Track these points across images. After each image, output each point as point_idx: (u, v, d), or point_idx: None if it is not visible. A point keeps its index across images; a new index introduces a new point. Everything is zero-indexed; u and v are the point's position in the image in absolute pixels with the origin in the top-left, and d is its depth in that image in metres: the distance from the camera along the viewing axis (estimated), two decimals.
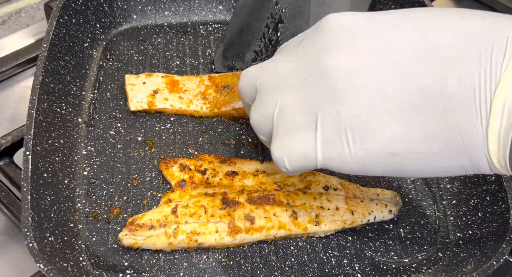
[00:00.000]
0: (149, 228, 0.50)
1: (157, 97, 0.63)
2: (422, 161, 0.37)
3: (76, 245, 0.51)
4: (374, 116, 0.36)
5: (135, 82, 0.64)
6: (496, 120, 0.33)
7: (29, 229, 0.45)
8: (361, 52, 0.38)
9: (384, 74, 0.36)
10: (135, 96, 0.63)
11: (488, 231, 0.53)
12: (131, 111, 0.63)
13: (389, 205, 0.55)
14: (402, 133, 0.36)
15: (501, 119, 0.33)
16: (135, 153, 0.60)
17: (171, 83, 0.64)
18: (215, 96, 0.63)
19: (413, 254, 0.54)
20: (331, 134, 0.38)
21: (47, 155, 0.54)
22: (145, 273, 0.50)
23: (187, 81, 0.65)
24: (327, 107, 0.38)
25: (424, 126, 0.35)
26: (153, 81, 0.64)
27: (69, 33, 0.64)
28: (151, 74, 0.65)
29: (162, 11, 0.76)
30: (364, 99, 0.37)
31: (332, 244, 0.54)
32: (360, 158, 0.38)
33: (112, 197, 0.56)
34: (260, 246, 0.53)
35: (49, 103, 0.57)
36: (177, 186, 0.55)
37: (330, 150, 0.39)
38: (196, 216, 0.51)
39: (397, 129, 0.36)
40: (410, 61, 0.36)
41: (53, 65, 0.59)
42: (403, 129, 0.36)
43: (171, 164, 0.56)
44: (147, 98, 0.63)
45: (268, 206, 0.52)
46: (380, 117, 0.36)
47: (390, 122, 0.36)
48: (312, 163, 0.40)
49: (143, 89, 0.63)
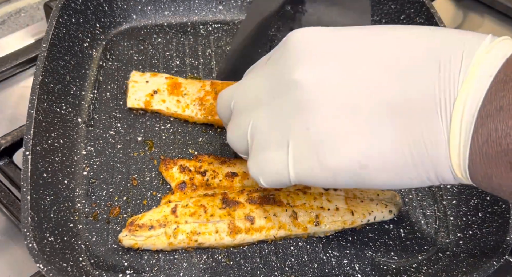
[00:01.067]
0: (149, 228, 0.50)
1: (155, 98, 0.63)
2: (391, 173, 0.37)
3: (76, 245, 0.51)
4: (342, 131, 0.37)
5: (139, 79, 0.64)
6: (455, 134, 0.34)
7: (29, 229, 0.45)
8: (327, 66, 0.38)
9: (351, 87, 0.37)
10: (134, 94, 0.63)
11: (488, 231, 0.52)
12: (128, 107, 0.63)
13: (389, 205, 0.55)
14: (370, 146, 0.36)
15: (459, 134, 0.33)
16: (135, 153, 0.60)
17: (173, 85, 0.64)
18: (212, 103, 0.62)
19: (413, 254, 0.54)
20: (301, 150, 0.39)
21: (47, 155, 0.54)
22: (145, 273, 0.50)
23: (190, 85, 0.64)
24: (296, 123, 0.39)
25: (391, 138, 0.36)
26: (156, 81, 0.64)
27: (69, 33, 0.64)
28: (156, 74, 0.65)
29: (162, 11, 0.76)
30: (331, 114, 0.37)
31: (332, 244, 0.54)
32: (330, 172, 0.38)
33: (112, 197, 0.56)
34: (260, 246, 0.53)
35: (49, 103, 0.57)
36: (177, 188, 0.55)
37: (302, 167, 0.39)
38: (196, 216, 0.51)
39: (365, 143, 0.37)
40: (374, 75, 0.36)
41: (53, 65, 0.59)
42: (371, 142, 0.36)
43: (171, 165, 0.56)
44: (145, 97, 0.63)
45: (268, 206, 0.52)
46: (348, 131, 0.37)
47: (358, 135, 0.37)
48: (286, 179, 0.41)
49: (144, 87, 0.63)
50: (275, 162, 0.41)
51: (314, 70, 0.38)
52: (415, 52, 0.36)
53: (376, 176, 0.38)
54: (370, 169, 0.37)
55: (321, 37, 0.40)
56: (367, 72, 0.37)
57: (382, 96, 0.36)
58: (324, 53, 0.39)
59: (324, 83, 0.38)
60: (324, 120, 0.37)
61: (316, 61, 0.38)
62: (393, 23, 0.75)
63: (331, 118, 0.37)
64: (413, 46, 0.36)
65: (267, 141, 0.42)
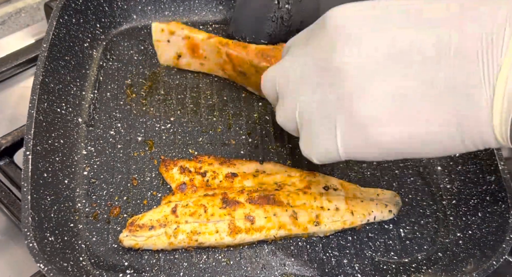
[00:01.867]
0: (149, 228, 0.50)
1: (181, 61, 0.69)
2: (438, 146, 0.39)
3: (76, 245, 0.51)
4: (388, 114, 0.38)
5: (160, 38, 0.67)
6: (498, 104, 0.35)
7: (29, 229, 0.45)
8: (369, 49, 0.38)
9: (394, 70, 0.37)
10: (162, 54, 0.69)
11: (488, 231, 0.53)
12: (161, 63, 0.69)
13: (389, 205, 0.55)
14: (417, 126, 0.38)
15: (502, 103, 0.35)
16: (135, 153, 0.60)
17: (191, 48, 0.67)
18: (232, 75, 0.67)
19: (413, 254, 0.54)
20: (349, 131, 0.40)
21: (47, 155, 0.54)
22: (145, 273, 0.50)
23: (207, 46, 0.66)
24: (342, 107, 0.39)
25: (437, 115, 0.37)
26: (175, 42, 0.67)
27: (69, 33, 0.64)
28: (173, 32, 0.66)
29: (162, 11, 0.76)
30: (376, 98, 0.38)
31: (332, 244, 0.54)
32: (379, 150, 0.40)
33: (112, 197, 0.56)
34: (260, 246, 0.53)
35: (49, 103, 0.57)
36: (177, 189, 0.55)
37: (350, 146, 0.41)
38: (196, 215, 0.51)
39: (412, 124, 0.38)
40: (418, 56, 0.37)
41: (53, 65, 0.59)
42: (418, 122, 0.38)
43: (171, 166, 0.56)
44: (172, 60, 0.69)
45: (268, 206, 0.52)
46: (394, 113, 0.38)
47: (405, 117, 0.38)
48: (337, 157, 0.42)
49: (168, 48, 0.68)
50: (325, 143, 0.42)
51: (356, 54, 0.38)
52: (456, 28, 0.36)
53: (424, 149, 0.39)
54: (418, 145, 0.39)
55: (360, 17, 0.40)
56: (411, 55, 0.37)
57: (426, 76, 0.37)
58: (365, 36, 0.39)
59: (367, 67, 0.38)
60: (369, 104, 0.38)
61: (358, 44, 0.38)
62: None
63: (376, 102, 0.38)
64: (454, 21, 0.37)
65: (315, 124, 0.42)
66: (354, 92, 0.39)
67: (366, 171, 0.61)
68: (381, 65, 0.38)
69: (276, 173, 0.57)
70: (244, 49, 0.64)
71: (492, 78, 0.35)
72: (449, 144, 0.38)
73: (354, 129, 0.39)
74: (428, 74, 0.37)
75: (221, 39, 0.65)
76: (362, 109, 0.38)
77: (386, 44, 0.38)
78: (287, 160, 0.61)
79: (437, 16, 0.38)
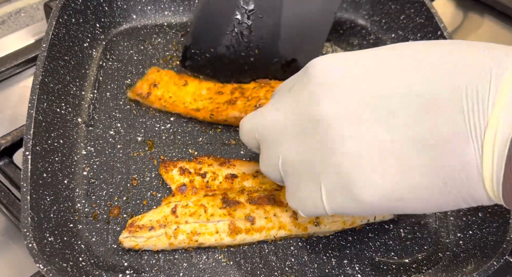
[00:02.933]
0: (149, 229, 0.50)
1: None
2: (426, 202, 0.37)
3: (75, 245, 0.51)
4: (371, 167, 0.36)
5: None
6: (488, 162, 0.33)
7: (29, 229, 0.45)
8: (351, 100, 0.37)
9: (377, 123, 0.36)
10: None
11: (488, 231, 0.52)
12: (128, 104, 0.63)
13: None
14: (402, 180, 0.36)
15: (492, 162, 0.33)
16: (135, 153, 0.60)
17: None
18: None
19: (413, 254, 0.54)
20: (333, 187, 0.39)
21: (47, 155, 0.54)
22: (145, 273, 0.50)
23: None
24: (324, 160, 0.38)
25: (423, 170, 0.35)
26: None
27: (69, 33, 0.64)
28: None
29: (162, 11, 0.76)
30: (359, 150, 0.36)
31: (332, 244, 0.54)
32: (365, 206, 0.38)
33: (112, 197, 0.56)
34: (260, 246, 0.53)
35: (49, 103, 0.57)
36: (177, 190, 0.54)
37: (335, 202, 0.39)
38: (196, 216, 0.51)
39: (397, 178, 0.36)
40: (400, 108, 0.36)
41: (53, 65, 0.59)
42: (402, 176, 0.36)
43: (170, 168, 0.56)
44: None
45: (268, 207, 0.52)
46: (378, 166, 0.36)
47: (389, 170, 0.36)
48: (323, 211, 0.41)
49: None
50: (310, 197, 0.41)
51: (338, 105, 0.37)
52: (439, 79, 0.35)
53: (411, 205, 0.37)
54: (405, 200, 0.37)
55: (344, 67, 0.39)
56: (392, 107, 0.36)
57: (410, 131, 0.35)
58: (349, 86, 0.37)
59: (350, 118, 0.37)
60: (352, 156, 0.37)
61: (341, 95, 0.37)
62: (393, 23, 0.75)
63: (359, 154, 0.36)
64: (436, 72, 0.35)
65: (300, 176, 0.41)
66: (336, 145, 0.37)
67: None
68: (363, 116, 0.36)
69: None
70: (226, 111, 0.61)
71: (480, 134, 0.33)
72: (438, 201, 0.37)
73: (338, 186, 0.38)
74: (413, 126, 0.35)
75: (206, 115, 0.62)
76: (344, 164, 0.37)
77: (368, 94, 0.37)
78: None
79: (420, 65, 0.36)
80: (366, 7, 0.78)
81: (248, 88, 0.63)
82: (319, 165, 0.39)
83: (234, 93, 0.62)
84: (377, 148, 0.36)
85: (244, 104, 0.60)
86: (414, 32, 0.72)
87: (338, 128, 0.37)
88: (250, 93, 0.62)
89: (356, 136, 0.37)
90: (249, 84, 0.64)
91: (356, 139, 0.37)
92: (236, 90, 0.63)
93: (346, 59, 0.39)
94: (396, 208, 0.38)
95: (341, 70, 0.39)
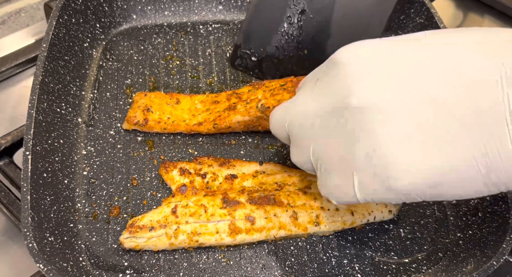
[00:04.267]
0: (150, 229, 0.50)
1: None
2: (465, 186, 0.36)
3: (76, 245, 0.51)
4: (408, 152, 0.36)
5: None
6: None
7: (29, 229, 0.45)
8: (385, 86, 0.36)
9: (414, 106, 0.35)
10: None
11: (488, 231, 0.52)
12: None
13: (389, 205, 0.55)
14: (441, 164, 0.35)
15: None
16: (135, 153, 0.60)
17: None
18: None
19: (413, 254, 0.54)
20: (365, 176, 0.38)
21: (47, 155, 0.54)
22: (145, 273, 0.50)
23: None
24: (358, 148, 0.38)
25: (463, 153, 0.35)
26: None
27: (69, 33, 0.64)
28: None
29: (162, 11, 0.76)
30: (396, 136, 0.36)
31: (332, 244, 0.54)
32: (399, 194, 0.37)
33: (112, 197, 0.56)
34: (260, 246, 0.53)
35: (49, 103, 0.57)
36: (178, 191, 0.54)
37: (367, 191, 0.39)
38: (196, 216, 0.51)
39: (435, 162, 0.35)
40: (437, 90, 0.35)
41: (53, 65, 0.59)
42: (442, 160, 0.35)
43: (170, 168, 0.56)
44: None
45: (268, 207, 0.52)
46: (415, 152, 0.35)
47: (427, 155, 0.35)
48: (354, 200, 0.40)
49: None
50: (342, 186, 0.40)
51: (372, 92, 0.36)
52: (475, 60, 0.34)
53: (448, 190, 0.37)
54: (443, 186, 0.36)
55: (374, 53, 0.38)
56: (429, 89, 0.35)
57: (448, 112, 0.35)
58: (380, 72, 0.37)
59: (384, 105, 0.36)
60: (388, 143, 0.36)
61: (373, 82, 0.37)
62: (393, 23, 0.75)
63: (396, 141, 0.36)
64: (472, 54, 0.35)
65: (332, 166, 0.41)
66: (371, 130, 0.36)
67: None
68: (400, 101, 0.36)
69: (276, 173, 0.57)
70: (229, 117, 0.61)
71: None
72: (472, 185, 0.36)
73: (372, 174, 0.37)
74: (452, 109, 0.34)
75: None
76: (381, 148, 0.36)
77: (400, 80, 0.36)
78: (287, 160, 0.61)
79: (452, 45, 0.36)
80: None
81: (243, 92, 0.63)
82: (351, 154, 0.38)
83: (231, 99, 0.62)
84: (414, 133, 0.35)
85: (245, 107, 0.60)
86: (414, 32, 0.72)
87: (372, 115, 0.36)
88: (247, 96, 0.62)
89: (392, 122, 0.36)
90: (243, 88, 0.64)
91: (392, 125, 0.36)
92: (231, 96, 0.62)
93: (375, 45, 0.39)
94: (432, 195, 0.37)
95: (371, 55, 0.38)
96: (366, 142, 0.37)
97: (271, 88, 0.60)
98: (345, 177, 0.40)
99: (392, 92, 0.36)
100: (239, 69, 0.69)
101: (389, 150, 0.36)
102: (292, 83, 0.60)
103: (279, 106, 0.48)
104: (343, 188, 0.41)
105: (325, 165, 0.42)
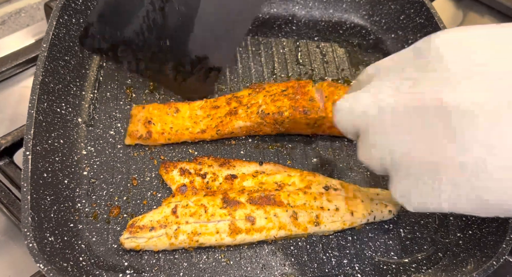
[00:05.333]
0: (150, 229, 0.50)
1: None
2: None
3: (76, 245, 0.51)
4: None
5: None
6: None
7: (29, 229, 0.45)
8: (485, 84, 0.32)
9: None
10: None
11: (488, 231, 0.52)
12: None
13: (389, 205, 0.55)
14: None
15: None
16: (135, 153, 0.60)
17: None
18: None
19: (413, 254, 0.54)
20: (463, 186, 0.34)
21: (47, 155, 0.54)
22: (145, 273, 0.50)
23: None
24: (452, 153, 0.33)
25: None
26: None
27: (69, 33, 0.64)
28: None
29: None
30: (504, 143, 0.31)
31: (332, 244, 0.54)
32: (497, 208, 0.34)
33: (112, 197, 0.56)
34: (260, 246, 0.53)
35: (49, 103, 0.57)
36: (178, 191, 0.54)
37: (461, 202, 0.35)
38: (196, 216, 0.51)
39: None
40: None
41: (53, 65, 0.59)
42: None
43: (171, 168, 0.56)
44: None
45: (268, 207, 0.52)
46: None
47: None
48: (437, 209, 0.37)
49: None
50: (425, 193, 0.36)
51: (470, 92, 0.32)
52: None
53: None
54: None
55: (472, 43, 0.33)
56: None
57: None
58: (478, 68, 0.33)
59: (484, 106, 0.32)
60: (497, 154, 0.32)
61: (472, 79, 0.32)
62: (393, 23, 0.75)
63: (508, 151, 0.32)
64: None
65: (415, 170, 0.36)
66: (479, 138, 0.32)
67: (366, 171, 0.61)
68: (500, 103, 0.31)
69: (276, 173, 0.57)
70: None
71: None
72: None
73: (467, 179, 0.33)
74: None
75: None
76: (487, 160, 0.32)
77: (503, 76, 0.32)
78: (287, 160, 0.61)
79: None
80: (366, 7, 0.78)
81: (243, 95, 0.62)
82: (443, 159, 0.34)
83: (231, 103, 0.62)
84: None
85: (246, 111, 0.60)
86: (414, 32, 0.72)
87: (471, 117, 0.32)
88: (247, 100, 0.61)
89: (495, 125, 0.32)
90: (242, 92, 0.63)
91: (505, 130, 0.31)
92: (231, 100, 0.62)
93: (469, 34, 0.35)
94: None
95: (471, 45, 0.34)
96: (463, 147, 0.33)
97: (271, 93, 0.60)
98: (431, 184, 0.36)
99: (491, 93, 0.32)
100: (90, 51, 0.64)
101: (497, 158, 0.32)
102: (293, 89, 0.60)
103: (348, 95, 0.42)
104: (425, 195, 0.36)
105: (406, 168, 0.37)
